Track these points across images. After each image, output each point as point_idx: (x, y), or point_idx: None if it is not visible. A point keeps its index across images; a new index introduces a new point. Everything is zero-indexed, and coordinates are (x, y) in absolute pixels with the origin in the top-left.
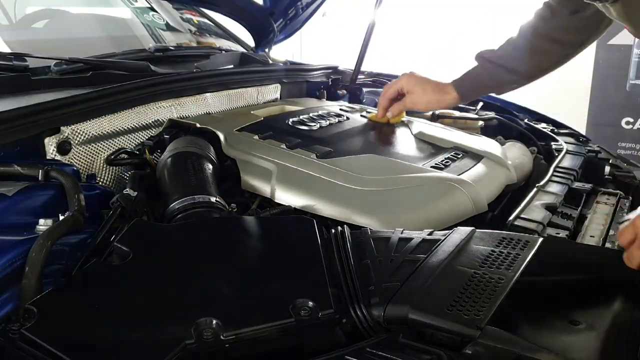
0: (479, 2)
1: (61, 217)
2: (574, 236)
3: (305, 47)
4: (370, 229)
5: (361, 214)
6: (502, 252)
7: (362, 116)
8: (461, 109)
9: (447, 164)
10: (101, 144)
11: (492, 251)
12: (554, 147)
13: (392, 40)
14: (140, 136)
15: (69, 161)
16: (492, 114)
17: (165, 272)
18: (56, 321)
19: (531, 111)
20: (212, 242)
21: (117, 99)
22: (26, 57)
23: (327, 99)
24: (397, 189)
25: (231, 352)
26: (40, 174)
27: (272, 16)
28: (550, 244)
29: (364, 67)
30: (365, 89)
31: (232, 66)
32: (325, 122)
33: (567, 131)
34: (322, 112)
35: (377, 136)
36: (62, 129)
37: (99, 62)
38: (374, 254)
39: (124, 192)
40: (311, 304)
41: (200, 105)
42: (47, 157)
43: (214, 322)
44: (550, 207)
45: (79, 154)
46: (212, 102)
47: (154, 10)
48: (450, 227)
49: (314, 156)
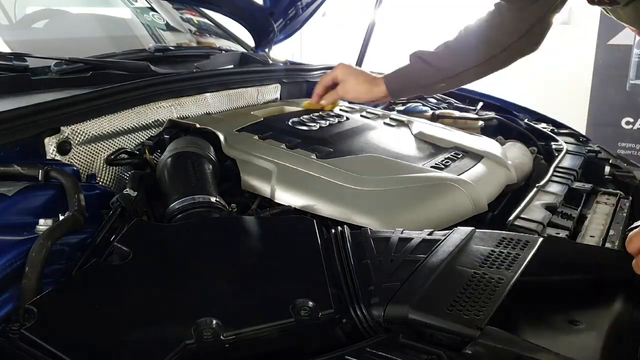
0: (479, 2)
1: (61, 217)
2: (574, 236)
3: (305, 47)
4: (370, 229)
5: (361, 214)
6: (502, 252)
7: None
8: (461, 109)
9: (447, 164)
10: (101, 144)
11: (492, 251)
12: (554, 147)
13: (392, 40)
14: (140, 136)
15: (69, 161)
16: (492, 114)
17: (165, 272)
18: (56, 321)
19: (531, 111)
20: (212, 242)
21: (117, 99)
22: (26, 57)
23: None
24: (397, 189)
25: (231, 352)
26: (40, 174)
27: (272, 16)
28: (550, 244)
29: (364, 67)
30: None
31: (232, 66)
32: (325, 123)
33: (567, 131)
34: (322, 113)
35: (377, 136)
36: (62, 129)
37: (99, 62)
38: (374, 254)
39: (124, 192)
40: (311, 304)
41: (200, 105)
42: (47, 157)
43: (214, 322)
44: (550, 207)
45: (79, 154)
46: (212, 102)
47: (154, 10)
48: (450, 227)
49: (314, 156)
